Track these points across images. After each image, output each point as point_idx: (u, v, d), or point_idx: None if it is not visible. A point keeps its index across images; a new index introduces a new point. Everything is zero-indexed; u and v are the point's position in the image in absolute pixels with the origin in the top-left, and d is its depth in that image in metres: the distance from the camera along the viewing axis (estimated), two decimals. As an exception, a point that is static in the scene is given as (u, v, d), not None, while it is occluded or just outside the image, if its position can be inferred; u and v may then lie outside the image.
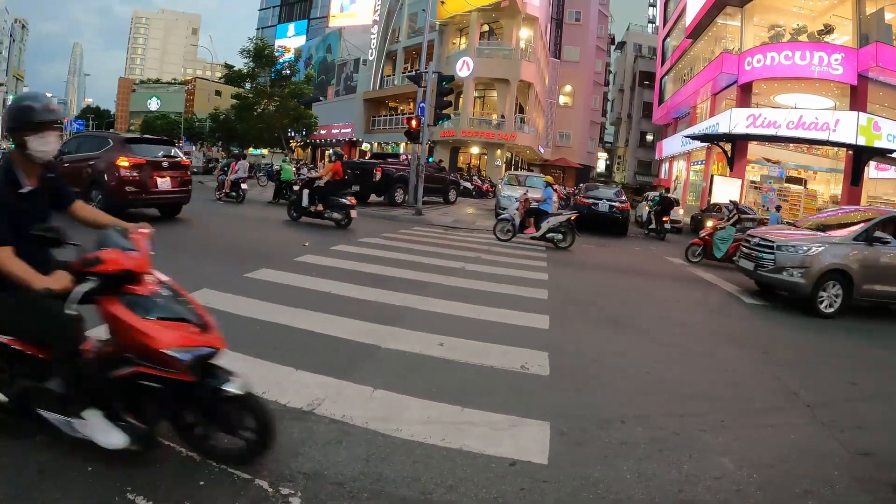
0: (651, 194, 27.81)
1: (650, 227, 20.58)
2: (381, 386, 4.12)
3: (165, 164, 12.26)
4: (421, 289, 7.57)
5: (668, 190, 18.92)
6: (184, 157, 13.44)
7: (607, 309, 7.80)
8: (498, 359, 4.94)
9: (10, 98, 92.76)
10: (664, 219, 20.39)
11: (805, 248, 8.82)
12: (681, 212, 24.59)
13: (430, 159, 30.77)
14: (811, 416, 4.44)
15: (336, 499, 2.76)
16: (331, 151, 16.80)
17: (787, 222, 17.58)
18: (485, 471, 3.10)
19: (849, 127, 23.93)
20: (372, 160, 24.63)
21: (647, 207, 24.03)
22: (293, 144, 57.66)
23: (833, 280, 8.61)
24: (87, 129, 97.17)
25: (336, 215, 13.59)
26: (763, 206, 26.85)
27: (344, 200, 13.58)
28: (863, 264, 8.70)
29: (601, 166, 78.88)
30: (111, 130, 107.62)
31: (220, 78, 55.56)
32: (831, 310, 8.61)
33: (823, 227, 9.93)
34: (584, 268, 11.35)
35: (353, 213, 13.67)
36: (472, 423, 3.68)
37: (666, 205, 20.77)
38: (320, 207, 13.70)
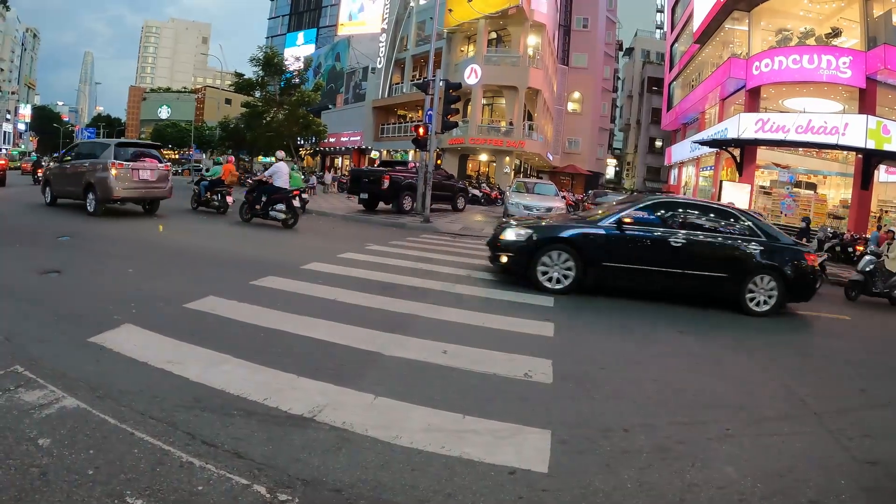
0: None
1: None
2: (382, 393, 4.10)
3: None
4: (426, 296, 7.55)
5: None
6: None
7: (612, 316, 7.74)
8: (501, 366, 4.91)
9: (23, 106, 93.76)
10: None
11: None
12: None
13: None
14: (819, 425, 4.38)
15: (333, 507, 2.74)
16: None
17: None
18: (484, 479, 3.07)
19: (858, 130, 23.77)
20: (380, 168, 24.69)
21: None
22: (302, 152, 57.90)
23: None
24: (97, 136, 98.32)
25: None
26: (782, 213, 26.73)
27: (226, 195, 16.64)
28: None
29: (610, 173, 78.70)
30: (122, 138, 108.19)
31: (230, 86, 55.89)
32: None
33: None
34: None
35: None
36: (473, 430, 3.65)
37: None
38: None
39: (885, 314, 10.97)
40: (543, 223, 9.71)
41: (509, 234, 9.05)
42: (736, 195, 26.14)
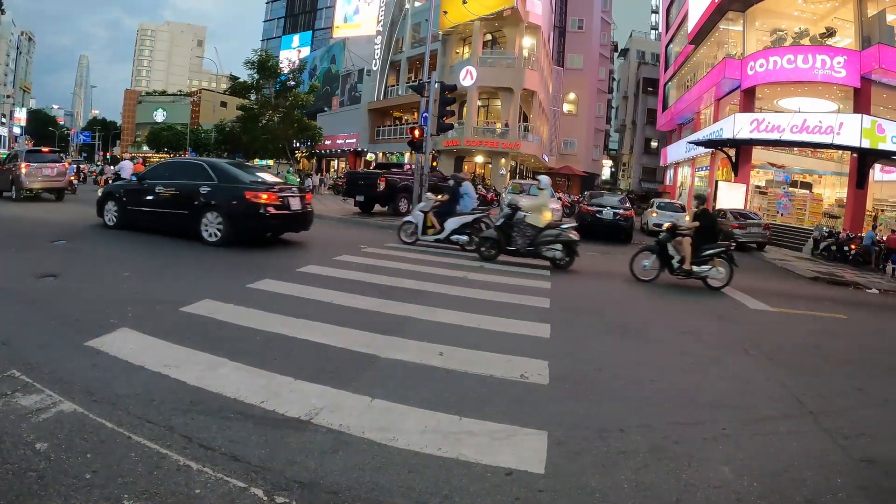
0: (656, 200, 27.70)
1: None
2: (379, 395, 4.10)
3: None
4: (422, 298, 7.56)
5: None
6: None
7: (610, 317, 7.76)
8: (497, 368, 4.92)
9: (18, 110, 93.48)
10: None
11: None
12: (687, 219, 24.49)
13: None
14: (815, 424, 4.38)
15: (330, 509, 2.75)
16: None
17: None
18: (480, 480, 3.07)
19: (853, 130, 23.89)
20: (376, 170, 24.69)
21: (653, 215, 23.90)
22: (298, 155, 57.86)
23: None
24: (92, 140, 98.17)
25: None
26: (778, 213, 26.80)
27: None
28: None
29: (606, 174, 78.78)
30: (117, 142, 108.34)
31: (225, 90, 55.83)
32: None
33: None
34: (587, 276, 11.31)
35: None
36: (470, 432, 3.65)
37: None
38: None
39: (883, 313, 11.02)
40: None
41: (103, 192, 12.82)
42: (732, 195, 26.26)
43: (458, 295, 8.00)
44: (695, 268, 10.71)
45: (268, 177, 12.03)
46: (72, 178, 20.68)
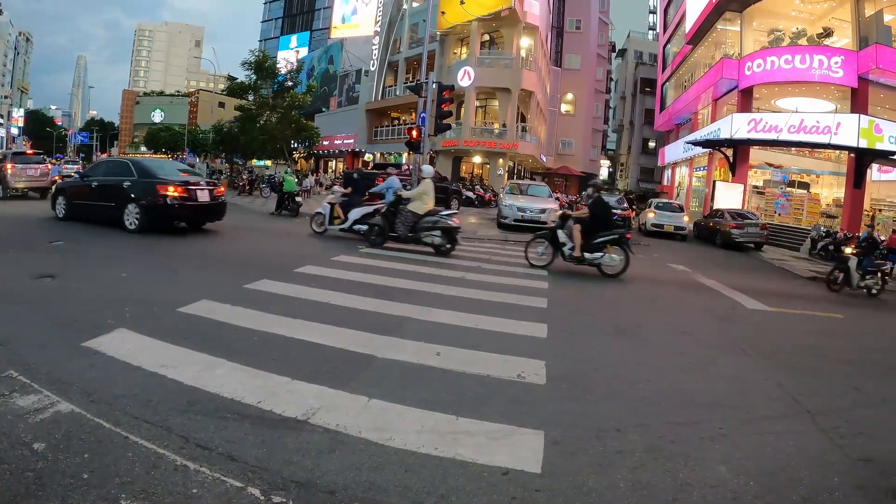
0: (654, 200, 27.70)
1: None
2: (376, 396, 4.11)
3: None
4: (420, 298, 7.56)
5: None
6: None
7: (607, 317, 7.78)
8: (494, 368, 4.92)
9: (16, 110, 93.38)
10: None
11: None
12: (685, 218, 24.55)
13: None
14: (812, 423, 4.39)
15: (327, 509, 2.76)
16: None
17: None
18: (477, 480, 3.08)
19: (850, 130, 23.92)
20: (374, 171, 24.67)
21: (651, 216, 23.92)
22: (296, 156, 57.76)
23: None
24: (90, 141, 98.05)
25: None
26: (776, 212, 26.82)
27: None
28: None
29: (604, 174, 78.79)
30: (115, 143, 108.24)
31: (223, 90, 55.76)
32: None
33: None
34: (584, 276, 11.32)
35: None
36: (467, 432, 3.66)
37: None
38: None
39: (879, 313, 11.03)
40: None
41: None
42: (729, 195, 26.28)
43: (455, 295, 8.01)
44: (587, 254, 11.03)
45: (190, 175, 13.47)
46: (55, 178, 21.05)
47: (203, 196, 12.49)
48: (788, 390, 5.11)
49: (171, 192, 11.78)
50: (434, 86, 18.82)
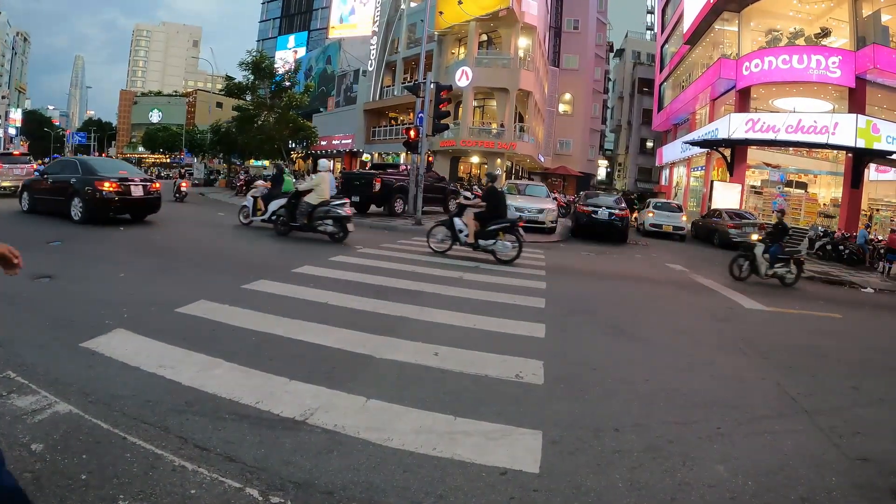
0: (652, 200, 27.72)
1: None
2: (374, 396, 4.11)
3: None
4: (418, 299, 7.57)
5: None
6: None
7: (605, 316, 7.77)
8: (492, 368, 4.92)
9: (13, 111, 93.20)
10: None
11: None
12: (683, 218, 24.54)
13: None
14: (810, 422, 4.39)
15: (325, 509, 2.75)
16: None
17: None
18: (475, 480, 3.08)
19: (848, 129, 23.95)
20: (372, 171, 24.65)
21: (649, 215, 23.93)
22: (294, 156, 57.69)
23: None
24: (87, 141, 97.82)
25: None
26: (773, 212, 26.80)
27: None
28: None
29: (602, 174, 78.88)
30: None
31: (220, 90, 55.68)
32: None
33: None
34: (582, 276, 11.33)
35: None
36: (465, 432, 3.66)
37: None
38: None
39: (877, 312, 11.05)
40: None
41: None
42: (727, 195, 26.29)
43: (453, 295, 8.01)
44: (480, 241, 11.76)
45: (130, 173, 14.55)
46: None
47: (137, 191, 13.86)
48: (786, 390, 5.12)
49: (107, 187, 13.08)
50: (432, 86, 18.83)
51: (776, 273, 12.41)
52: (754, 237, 13.16)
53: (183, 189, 26.23)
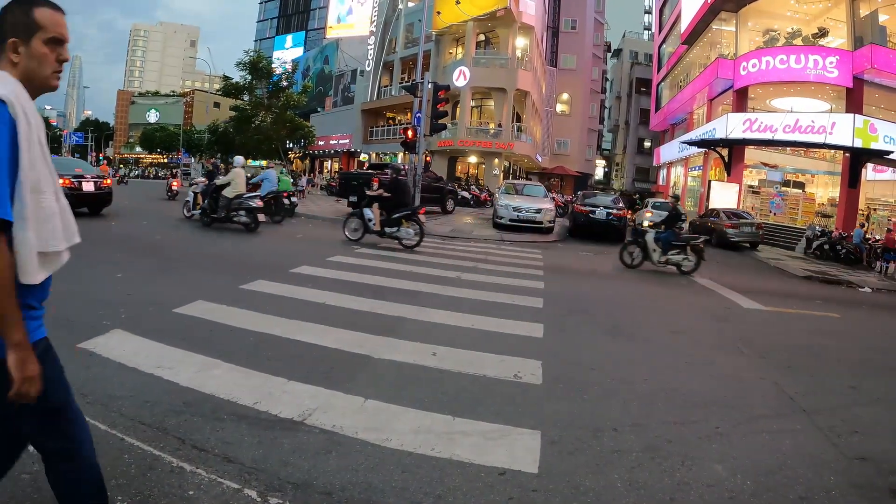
0: (651, 200, 27.75)
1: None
2: (372, 396, 4.10)
3: None
4: (416, 299, 7.56)
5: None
6: None
7: (603, 316, 7.77)
8: (491, 368, 4.92)
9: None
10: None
11: None
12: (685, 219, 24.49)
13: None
14: (809, 422, 4.40)
15: (324, 510, 2.75)
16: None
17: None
18: (474, 480, 3.07)
19: (845, 129, 23.99)
20: (369, 171, 24.65)
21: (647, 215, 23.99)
22: (291, 156, 57.71)
23: None
24: (85, 141, 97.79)
25: None
26: (771, 212, 26.85)
27: None
28: None
29: (599, 174, 78.93)
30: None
31: (218, 90, 55.68)
32: None
33: None
34: (580, 276, 11.33)
35: None
36: (463, 432, 3.65)
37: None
38: None
39: (875, 312, 11.06)
40: None
41: None
42: (725, 194, 26.33)
43: (451, 295, 8.00)
44: (386, 229, 12.68)
45: (86, 171, 15.66)
46: None
47: (88, 187, 14.96)
48: (785, 389, 5.12)
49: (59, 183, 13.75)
50: (430, 86, 18.84)
51: (669, 260, 12.49)
52: (646, 223, 13.38)
53: (174, 188, 27.62)
